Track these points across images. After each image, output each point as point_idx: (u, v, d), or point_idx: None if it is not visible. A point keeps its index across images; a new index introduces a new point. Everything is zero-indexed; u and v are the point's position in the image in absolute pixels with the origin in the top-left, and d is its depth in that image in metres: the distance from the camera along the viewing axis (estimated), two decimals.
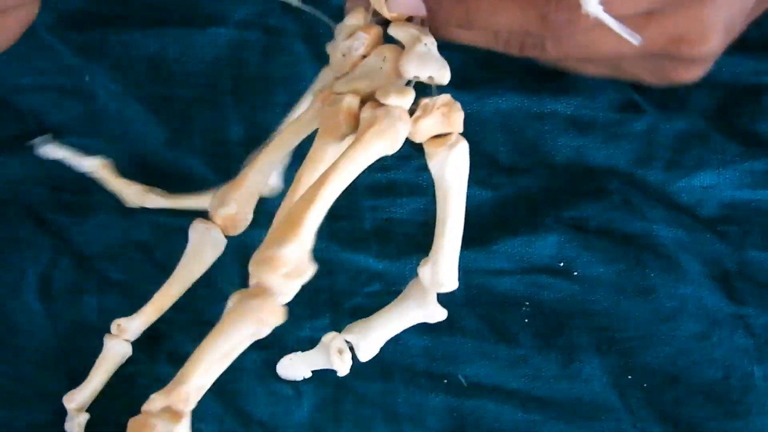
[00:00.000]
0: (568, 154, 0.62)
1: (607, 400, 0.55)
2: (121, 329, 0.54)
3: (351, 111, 0.48)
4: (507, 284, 0.58)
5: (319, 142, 0.48)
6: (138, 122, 0.62)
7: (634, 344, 0.57)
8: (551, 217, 0.59)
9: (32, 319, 0.57)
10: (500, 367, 0.56)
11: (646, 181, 0.61)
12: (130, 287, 0.58)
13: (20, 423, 0.54)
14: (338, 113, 0.48)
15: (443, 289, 0.49)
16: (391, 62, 0.50)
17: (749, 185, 0.61)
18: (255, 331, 0.44)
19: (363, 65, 0.50)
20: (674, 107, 0.62)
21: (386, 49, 0.50)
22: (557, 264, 0.58)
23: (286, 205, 0.47)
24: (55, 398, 0.55)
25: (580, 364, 0.56)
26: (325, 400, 0.54)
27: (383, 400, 0.55)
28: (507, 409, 0.55)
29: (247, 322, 0.44)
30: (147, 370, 0.56)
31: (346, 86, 0.49)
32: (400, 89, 0.48)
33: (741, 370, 0.56)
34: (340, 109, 0.48)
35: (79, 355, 0.56)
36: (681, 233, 0.59)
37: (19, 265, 0.58)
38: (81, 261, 0.58)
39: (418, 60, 0.49)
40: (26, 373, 0.55)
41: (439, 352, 0.56)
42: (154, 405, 0.43)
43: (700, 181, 0.61)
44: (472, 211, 0.60)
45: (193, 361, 0.43)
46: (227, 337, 0.44)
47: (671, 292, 0.58)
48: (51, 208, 0.60)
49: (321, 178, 0.46)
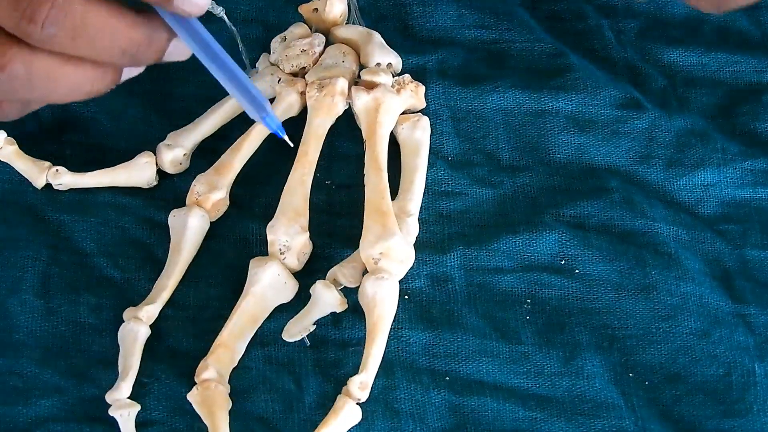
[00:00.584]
0: (569, 151, 0.62)
1: (608, 397, 0.55)
2: (148, 315, 0.56)
3: (344, 92, 0.59)
4: (508, 282, 0.58)
5: (318, 120, 0.59)
6: (138, 120, 0.62)
7: (635, 342, 0.57)
8: (552, 215, 0.59)
9: (32, 316, 0.57)
10: (501, 364, 0.56)
11: (646, 179, 0.61)
12: (128, 285, 0.58)
13: (21, 418, 0.54)
14: (333, 94, 0.59)
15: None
16: (351, 56, 0.61)
17: (750, 184, 0.61)
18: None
19: (324, 60, 0.60)
20: (675, 105, 0.63)
21: (342, 47, 0.61)
22: (558, 262, 0.58)
23: (296, 180, 0.57)
24: (54, 394, 0.55)
25: (581, 362, 0.56)
26: (326, 396, 0.54)
27: (384, 396, 0.55)
28: (508, 406, 0.55)
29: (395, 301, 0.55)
30: (147, 368, 0.56)
31: (316, 75, 0.60)
32: (383, 70, 0.60)
33: (742, 368, 0.56)
34: (334, 90, 0.59)
35: (78, 352, 0.56)
36: (681, 231, 0.59)
37: (19, 262, 0.58)
38: (79, 259, 0.58)
39: (379, 49, 0.61)
40: (26, 369, 0.55)
41: (441, 349, 0.56)
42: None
43: (701, 179, 0.61)
44: (473, 209, 0.60)
45: (371, 351, 0.53)
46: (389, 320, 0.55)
47: (672, 290, 0.58)
48: (50, 206, 0.59)
49: (373, 165, 0.57)
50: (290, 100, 0.60)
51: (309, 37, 0.61)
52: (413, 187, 0.58)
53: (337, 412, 0.52)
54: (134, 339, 0.55)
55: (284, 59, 0.61)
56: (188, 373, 0.54)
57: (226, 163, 0.59)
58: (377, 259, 0.55)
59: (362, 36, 0.62)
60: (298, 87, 0.60)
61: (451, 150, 0.62)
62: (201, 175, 0.59)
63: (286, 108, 0.60)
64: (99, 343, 0.56)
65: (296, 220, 0.56)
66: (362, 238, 0.55)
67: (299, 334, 0.55)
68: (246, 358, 0.56)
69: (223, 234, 0.59)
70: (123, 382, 0.54)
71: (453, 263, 0.58)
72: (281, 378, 0.55)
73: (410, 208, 0.58)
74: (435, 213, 0.60)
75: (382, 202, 0.56)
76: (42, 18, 0.49)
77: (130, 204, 0.60)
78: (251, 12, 0.65)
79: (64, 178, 0.59)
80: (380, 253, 0.55)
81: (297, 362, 0.56)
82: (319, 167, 0.60)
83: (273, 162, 0.59)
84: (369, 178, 0.57)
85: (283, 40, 0.62)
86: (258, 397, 0.55)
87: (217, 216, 0.59)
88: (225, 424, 0.52)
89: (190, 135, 0.60)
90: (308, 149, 0.58)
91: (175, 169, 0.60)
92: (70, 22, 0.49)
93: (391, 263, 0.55)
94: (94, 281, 0.58)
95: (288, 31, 0.62)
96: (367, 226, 0.56)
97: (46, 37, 0.49)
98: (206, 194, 0.58)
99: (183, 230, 0.57)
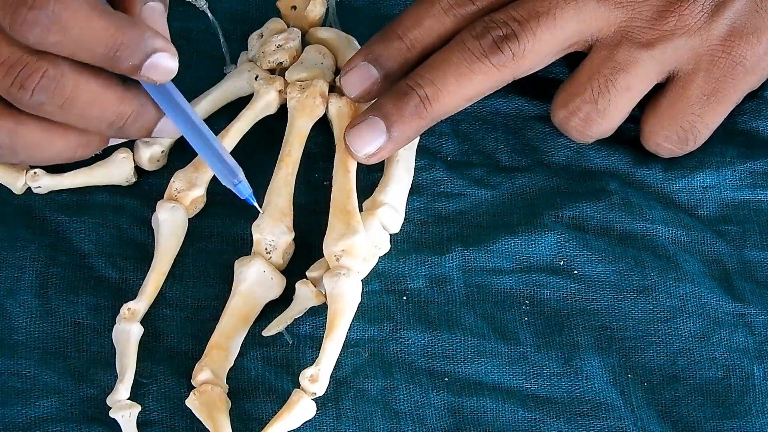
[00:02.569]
0: (568, 153, 0.62)
1: (607, 398, 0.55)
2: (133, 312, 0.56)
3: (324, 94, 0.60)
4: (507, 283, 0.58)
5: (300, 121, 0.59)
6: None
7: (634, 343, 0.57)
8: (551, 216, 0.59)
9: (30, 317, 0.57)
10: (500, 365, 0.56)
11: (645, 180, 0.61)
12: (127, 285, 0.58)
13: (19, 419, 0.54)
14: (315, 96, 0.60)
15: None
16: (330, 58, 0.62)
17: (749, 185, 0.61)
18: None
19: (304, 59, 0.61)
20: None
21: (321, 48, 0.62)
22: (557, 263, 0.58)
23: (281, 180, 0.58)
24: (53, 394, 0.55)
25: (579, 363, 0.56)
26: (325, 398, 0.54)
27: (383, 397, 0.55)
28: (507, 407, 0.55)
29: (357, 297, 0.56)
30: (146, 369, 0.55)
31: (297, 75, 0.60)
32: None
33: (741, 370, 0.56)
34: (315, 92, 0.60)
35: (77, 352, 0.56)
36: (680, 233, 0.59)
37: (17, 263, 0.58)
38: (78, 259, 0.58)
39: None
40: (25, 370, 0.55)
41: (439, 350, 0.56)
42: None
43: (700, 181, 0.61)
44: (472, 210, 0.60)
45: (325, 346, 0.54)
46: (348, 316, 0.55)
47: (671, 291, 0.58)
48: (48, 207, 0.59)
49: (342, 167, 0.58)
50: (269, 98, 0.60)
51: (285, 32, 0.62)
52: (387, 179, 0.59)
53: (291, 407, 0.53)
54: (127, 339, 0.55)
55: (261, 56, 0.61)
56: (187, 374, 0.55)
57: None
58: (339, 255, 0.55)
59: (340, 40, 0.62)
60: (277, 85, 0.60)
61: (450, 151, 0.62)
62: (180, 171, 0.59)
63: (265, 106, 0.60)
64: (98, 343, 0.56)
65: (282, 220, 0.57)
66: (326, 236, 0.56)
67: (276, 328, 0.56)
68: (245, 358, 0.56)
69: (221, 234, 0.59)
70: (121, 384, 0.54)
71: (452, 264, 0.58)
72: (280, 378, 0.55)
73: (382, 198, 0.58)
74: (433, 214, 0.60)
75: (347, 201, 0.57)
76: (33, 85, 0.49)
77: (128, 204, 0.60)
78: (236, 9, 0.66)
79: (43, 180, 0.59)
80: (342, 251, 0.55)
81: (296, 362, 0.56)
82: (318, 167, 0.60)
83: (270, 162, 0.59)
84: (337, 178, 0.58)
85: (261, 37, 0.62)
86: (257, 398, 0.55)
87: (195, 212, 0.59)
88: (226, 425, 0.52)
89: None
90: (291, 149, 0.59)
91: (152, 166, 0.60)
92: (60, 91, 0.49)
93: (352, 260, 0.55)
94: (93, 281, 0.58)
95: (264, 27, 0.63)
96: (332, 224, 0.56)
97: (35, 104, 0.50)
98: (185, 191, 0.58)
99: (158, 226, 0.58)
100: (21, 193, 0.59)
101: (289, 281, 0.57)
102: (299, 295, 0.56)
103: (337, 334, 0.54)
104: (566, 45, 0.57)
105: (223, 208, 0.60)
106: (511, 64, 0.56)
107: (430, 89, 0.56)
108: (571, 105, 0.58)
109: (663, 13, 0.57)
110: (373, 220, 0.57)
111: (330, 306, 0.55)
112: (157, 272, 0.57)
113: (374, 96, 0.58)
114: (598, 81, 0.57)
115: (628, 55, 0.57)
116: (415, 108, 0.56)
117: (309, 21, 0.62)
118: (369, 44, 0.58)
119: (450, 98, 0.56)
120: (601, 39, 0.57)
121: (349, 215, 0.56)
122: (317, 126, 0.60)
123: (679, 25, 0.57)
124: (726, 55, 0.57)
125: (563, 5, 0.56)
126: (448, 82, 0.56)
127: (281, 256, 0.57)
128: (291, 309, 0.56)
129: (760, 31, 0.57)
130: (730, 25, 0.57)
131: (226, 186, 0.54)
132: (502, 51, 0.55)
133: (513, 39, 0.56)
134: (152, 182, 0.60)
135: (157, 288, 0.57)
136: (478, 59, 0.56)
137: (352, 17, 0.65)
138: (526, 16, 0.56)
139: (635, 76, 0.57)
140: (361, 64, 0.57)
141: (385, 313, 0.57)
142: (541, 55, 0.57)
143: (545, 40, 0.56)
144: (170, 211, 0.58)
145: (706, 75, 0.58)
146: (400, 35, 0.57)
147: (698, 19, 0.57)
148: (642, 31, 0.57)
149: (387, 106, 0.56)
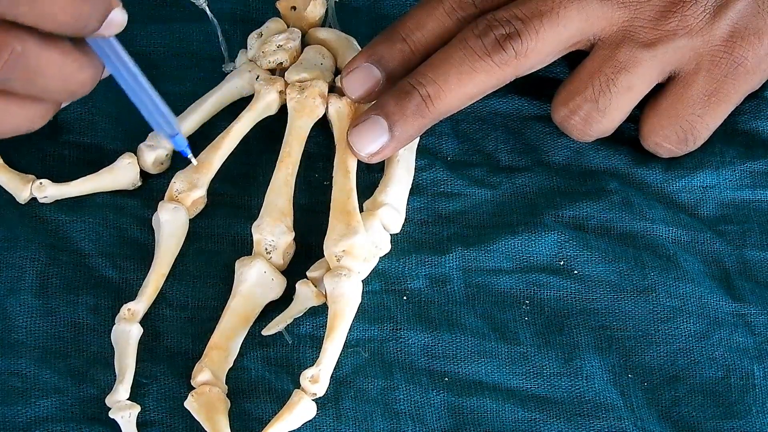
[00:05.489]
0: (568, 153, 0.62)
1: (607, 398, 0.55)
2: (133, 313, 0.56)
3: (324, 95, 0.60)
4: (507, 283, 0.58)
5: (299, 121, 0.59)
6: (136, 120, 0.62)
7: (634, 343, 0.57)
8: (551, 216, 0.59)
9: (31, 316, 0.57)
10: (500, 365, 0.56)
11: (645, 180, 0.61)
12: (127, 285, 0.58)
13: (20, 419, 0.54)
14: (314, 96, 0.59)
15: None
16: (330, 58, 0.61)
17: (749, 185, 0.61)
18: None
19: (304, 60, 0.61)
20: None
21: (321, 49, 0.62)
22: (557, 263, 0.58)
23: (281, 180, 0.58)
24: (53, 394, 0.55)
25: (580, 363, 0.56)
26: (325, 398, 0.54)
27: (383, 397, 0.55)
28: (507, 407, 0.55)
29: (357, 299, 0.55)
30: (146, 369, 0.55)
31: (297, 76, 0.60)
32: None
33: (741, 370, 0.56)
34: (315, 93, 0.59)
35: (77, 352, 0.56)
36: (680, 232, 0.59)
37: (17, 263, 0.58)
38: (78, 259, 0.58)
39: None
40: (25, 369, 0.55)
41: (439, 350, 0.56)
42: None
43: (700, 181, 0.61)
44: (472, 210, 0.60)
45: (326, 347, 0.54)
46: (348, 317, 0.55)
47: (671, 291, 0.58)
48: (48, 207, 0.59)
49: (342, 167, 0.58)
50: (269, 99, 0.60)
51: (285, 32, 0.62)
52: (388, 179, 0.59)
53: (291, 407, 0.53)
54: (126, 340, 0.55)
55: (261, 55, 0.61)
56: (187, 374, 0.55)
57: (205, 161, 0.59)
58: (339, 256, 0.55)
59: (340, 41, 0.62)
60: (278, 86, 0.60)
61: (450, 150, 0.62)
62: (180, 172, 0.59)
63: (265, 107, 0.60)
64: (98, 343, 0.56)
65: (281, 220, 0.57)
66: (326, 236, 0.56)
67: (276, 327, 0.56)
68: (245, 358, 0.56)
69: (221, 234, 0.59)
70: (121, 385, 0.54)
71: (452, 264, 0.58)
72: (280, 378, 0.55)
73: (383, 198, 0.58)
74: (433, 214, 0.60)
75: (347, 202, 0.57)
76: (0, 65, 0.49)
77: (128, 204, 0.60)
78: (236, 10, 0.66)
79: (49, 190, 0.59)
80: (342, 251, 0.55)
81: (296, 363, 0.56)
82: (318, 167, 0.60)
83: (270, 162, 0.59)
84: (337, 179, 0.58)
85: (260, 36, 0.62)
86: (257, 398, 0.55)
87: (195, 213, 0.59)
88: (225, 426, 0.52)
89: None
90: (291, 150, 0.59)
91: (157, 170, 0.60)
92: (26, 66, 0.49)
93: (353, 261, 0.55)
94: (93, 281, 0.58)
95: (264, 26, 0.63)
96: (332, 225, 0.56)
97: (2, 81, 0.49)
98: (186, 192, 0.58)
99: (159, 227, 0.58)
100: (25, 203, 0.59)
101: (290, 281, 0.57)
102: (299, 295, 0.56)
103: (337, 334, 0.54)
104: (569, 44, 0.57)
105: (224, 209, 0.60)
106: (514, 62, 0.56)
107: (432, 88, 0.56)
108: (571, 103, 0.58)
109: (665, 13, 0.57)
110: (373, 220, 0.57)
111: (330, 306, 0.55)
112: (157, 273, 0.57)
113: (376, 97, 0.58)
114: (599, 80, 0.57)
115: (629, 54, 0.57)
116: (417, 107, 0.56)
117: (309, 21, 0.62)
118: (371, 45, 0.58)
119: (452, 97, 0.56)
120: (603, 38, 0.57)
121: (350, 215, 0.56)
122: (317, 126, 0.60)
123: (681, 25, 0.57)
124: (727, 56, 0.57)
125: (566, 4, 0.56)
126: (450, 80, 0.56)
127: (281, 256, 0.57)
128: (291, 308, 0.56)
129: (762, 32, 0.58)
130: (731, 26, 0.57)
131: (162, 136, 0.53)
132: (504, 49, 0.55)
133: (516, 37, 0.56)
134: (152, 183, 0.60)
135: (157, 289, 0.57)
136: (480, 58, 0.56)
137: (352, 18, 0.65)
138: (528, 14, 0.56)
139: (636, 75, 0.57)
140: (364, 65, 0.57)
141: (385, 313, 0.57)
142: (544, 54, 0.57)
143: (548, 38, 0.56)
144: (172, 212, 0.58)
145: (707, 75, 0.58)
146: (403, 37, 0.57)
147: (700, 20, 0.57)
148: (644, 30, 0.57)
149: (389, 105, 0.56)
